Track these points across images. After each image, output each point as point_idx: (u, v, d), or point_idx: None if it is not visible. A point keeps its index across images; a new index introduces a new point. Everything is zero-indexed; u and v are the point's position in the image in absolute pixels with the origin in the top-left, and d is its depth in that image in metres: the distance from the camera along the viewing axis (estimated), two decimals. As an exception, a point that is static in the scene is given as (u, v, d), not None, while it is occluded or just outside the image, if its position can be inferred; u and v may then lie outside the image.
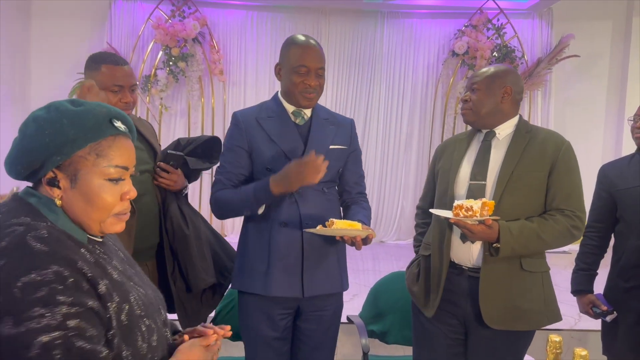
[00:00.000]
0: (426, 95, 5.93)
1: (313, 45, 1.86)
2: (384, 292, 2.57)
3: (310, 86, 1.82)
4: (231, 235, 5.87)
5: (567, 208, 1.74)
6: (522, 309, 1.75)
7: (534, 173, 1.74)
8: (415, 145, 5.98)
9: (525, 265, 1.76)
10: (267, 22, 5.82)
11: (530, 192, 1.74)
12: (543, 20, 5.88)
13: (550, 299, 1.81)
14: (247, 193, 1.79)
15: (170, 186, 1.94)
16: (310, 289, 1.84)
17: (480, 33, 5.64)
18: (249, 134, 1.87)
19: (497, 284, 1.74)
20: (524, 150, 1.76)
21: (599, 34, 6.00)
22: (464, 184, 1.80)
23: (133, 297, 1.01)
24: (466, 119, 1.86)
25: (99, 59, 1.86)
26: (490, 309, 1.73)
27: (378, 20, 5.88)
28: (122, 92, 1.84)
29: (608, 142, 6.12)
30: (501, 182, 1.73)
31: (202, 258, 1.97)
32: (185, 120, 5.75)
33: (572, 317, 3.37)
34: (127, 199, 1.03)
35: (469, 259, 1.78)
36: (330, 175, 1.87)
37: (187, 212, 1.99)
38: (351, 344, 2.93)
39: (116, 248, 1.13)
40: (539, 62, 5.69)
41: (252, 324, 1.88)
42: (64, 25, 5.74)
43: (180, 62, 5.51)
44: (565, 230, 1.73)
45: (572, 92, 6.04)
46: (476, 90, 1.82)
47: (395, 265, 4.81)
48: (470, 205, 1.60)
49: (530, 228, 1.70)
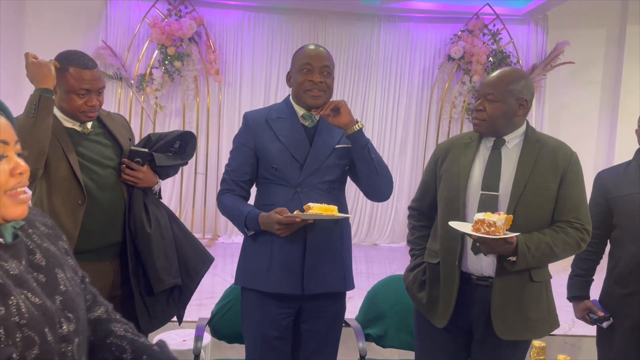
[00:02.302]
0: (421, 99, 5.95)
1: (318, 47, 1.90)
2: (380, 296, 2.57)
3: (314, 82, 1.83)
4: (224, 236, 5.85)
5: (576, 220, 1.74)
6: (532, 319, 1.75)
7: (546, 184, 1.73)
8: (410, 149, 6.00)
9: (534, 276, 1.76)
10: (264, 24, 5.82)
11: (543, 203, 1.74)
12: (538, 27, 5.93)
13: (552, 306, 1.83)
14: (241, 215, 1.86)
15: (137, 183, 1.93)
16: (310, 286, 1.84)
17: (476, 38, 5.66)
18: (257, 134, 1.91)
19: (509, 296, 1.73)
20: (536, 161, 1.74)
21: (593, 41, 6.05)
22: (474, 193, 1.78)
23: (14, 302, 0.92)
24: (478, 129, 1.80)
25: (67, 60, 1.83)
26: (503, 321, 1.73)
27: (375, 23, 5.89)
28: (89, 95, 1.83)
29: (601, 148, 6.16)
30: (515, 195, 1.72)
31: (164, 258, 1.94)
32: (180, 119, 5.73)
33: (566, 323, 3.38)
34: (17, 173, 0.96)
35: (479, 269, 1.78)
36: (336, 174, 1.89)
37: (151, 210, 1.96)
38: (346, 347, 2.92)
39: (35, 252, 1.03)
40: (534, 68, 5.73)
41: (253, 322, 1.90)
42: (59, 23, 5.69)
43: (176, 62, 5.48)
44: (575, 243, 1.73)
45: (566, 98, 6.08)
46: (492, 102, 1.75)
47: (388, 268, 4.82)
48: (493, 221, 1.57)
49: (545, 242, 1.69)
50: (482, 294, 1.76)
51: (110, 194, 1.90)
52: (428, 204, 1.97)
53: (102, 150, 1.92)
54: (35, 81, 1.76)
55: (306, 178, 1.85)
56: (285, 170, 1.86)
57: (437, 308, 1.84)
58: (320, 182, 1.86)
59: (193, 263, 2.02)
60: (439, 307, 1.83)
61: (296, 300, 1.87)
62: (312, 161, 1.86)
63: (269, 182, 1.91)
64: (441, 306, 1.82)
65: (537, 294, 1.78)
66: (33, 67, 1.78)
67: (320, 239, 1.85)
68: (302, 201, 1.81)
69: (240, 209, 1.88)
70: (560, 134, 5.88)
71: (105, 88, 1.93)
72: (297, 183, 1.85)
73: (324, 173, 1.87)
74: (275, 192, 1.88)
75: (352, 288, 1.98)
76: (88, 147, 1.90)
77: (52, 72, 1.76)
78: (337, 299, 1.94)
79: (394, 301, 2.51)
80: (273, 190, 1.89)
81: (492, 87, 1.75)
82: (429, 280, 1.89)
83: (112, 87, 5.60)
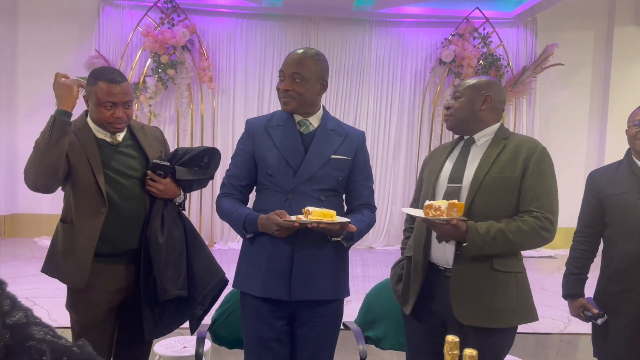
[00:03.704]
0: (414, 102, 6.00)
1: (296, 52, 1.92)
2: (378, 299, 2.59)
3: (281, 90, 1.89)
4: (220, 243, 5.86)
5: (536, 210, 1.77)
6: (494, 308, 1.79)
7: (505, 176, 1.80)
8: (403, 152, 6.05)
9: (497, 265, 1.80)
10: (257, 30, 5.85)
11: (501, 194, 1.80)
12: (528, 30, 6.00)
13: (524, 299, 1.85)
14: (240, 218, 1.89)
15: (158, 194, 2.02)
16: (298, 293, 1.86)
17: (466, 42, 5.73)
18: (256, 141, 1.95)
19: (467, 282, 1.79)
20: (498, 155, 1.83)
21: (582, 43, 6.14)
22: (442, 186, 1.89)
23: None
24: (447, 124, 1.96)
25: (97, 75, 1.97)
26: (461, 306, 1.79)
27: (366, 28, 5.94)
28: (115, 108, 1.95)
29: (591, 148, 6.24)
30: (473, 185, 1.80)
31: (171, 269, 2.01)
32: (175, 127, 5.74)
33: (561, 321, 3.41)
34: None
35: (445, 260, 1.85)
36: (329, 183, 1.91)
37: (167, 221, 2.04)
38: (346, 350, 2.94)
39: None
40: (524, 70, 5.79)
41: (250, 324, 1.92)
42: (52, 32, 5.71)
43: (170, 70, 5.50)
44: (533, 231, 1.76)
45: (556, 99, 6.16)
46: (458, 98, 1.92)
47: (384, 271, 4.84)
48: (438, 205, 1.68)
49: (498, 228, 1.75)
50: (447, 283, 1.83)
51: (131, 203, 2.00)
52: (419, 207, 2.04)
53: (128, 162, 2.03)
54: (58, 102, 1.89)
55: (299, 185, 1.87)
56: (279, 176, 1.88)
57: (408, 297, 1.93)
58: (312, 190, 1.88)
59: (201, 276, 2.09)
60: (410, 295, 1.92)
61: (288, 305, 1.89)
62: (305, 168, 1.88)
63: (265, 187, 1.94)
64: (410, 295, 1.92)
65: (503, 284, 1.81)
66: (58, 88, 1.90)
67: (309, 245, 1.86)
68: (293, 207, 1.83)
69: (238, 211, 1.91)
70: (550, 135, 5.96)
71: (132, 101, 2.04)
72: (289, 189, 1.87)
73: (318, 181, 1.89)
74: (269, 198, 1.90)
75: (346, 295, 1.98)
76: (115, 158, 2.01)
77: (74, 95, 1.90)
78: (332, 305, 1.94)
79: (390, 304, 2.53)
80: (267, 196, 1.92)
81: (459, 87, 1.94)
82: (405, 272, 1.97)
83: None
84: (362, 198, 2.02)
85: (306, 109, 1.92)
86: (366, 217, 1.99)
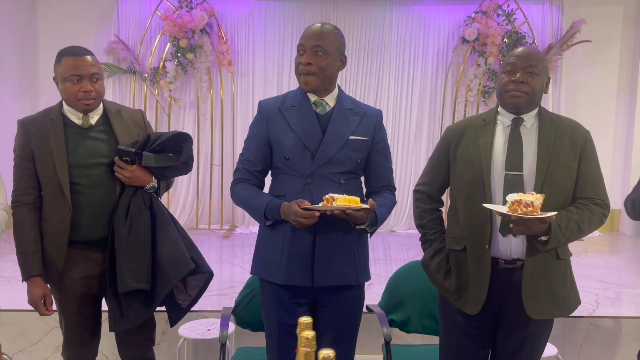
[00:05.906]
0: (436, 83, 5.89)
1: (315, 25, 1.84)
2: (401, 282, 2.57)
3: (302, 64, 1.81)
4: (241, 227, 5.88)
5: (597, 197, 1.76)
6: (559, 297, 1.78)
7: (568, 162, 1.75)
8: (425, 134, 5.95)
9: (561, 253, 1.78)
10: (275, 12, 5.78)
11: (566, 182, 1.75)
12: (553, 5, 5.82)
13: (574, 282, 1.86)
14: (260, 204, 1.83)
15: (126, 181, 1.98)
16: (320, 279, 1.83)
17: (490, 19, 5.58)
18: (270, 123, 1.88)
19: (540, 275, 1.74)
20: (555, 139, 1.76)
21: (610, 18, 5.93)
22: (498, 174, 1.77)
23: None
24: (519, 102, 1.76)
25: (61, 52, 1.96)
26: (534, 301, 1.74)
27: (387, 7, 5.83)
28: (82, 82, 1.92)
29: (619, 127, 6.07)
30: (540, 174, 1.73)
31: (131, 260, 1.94)
32: (195, 111, 5.74)
33: (590, 304, 3.36)
34: None
35: (507, 252, 1.77)
36: (348, 166, 1.86)
37: (132, 211, 1.97)
38: (370, 333, 2.93)
39: None
40: (550, 47, 5.63)
41: (271, 310, 1.91)
42: (71, 19, 5.72)
43: (189, 54, 5.49)
44: (599, 220, 1.76)
45: (583, 77, 5.98)
46: (535, 75, 1.75)
47: (406, 254, 4.81)
48: (530, 201, 1.57)
49: (574, 221, 1.71)
50: (510, 276, 1.76)
51: (100, 190, 1.97)
52: (438, 187, 1.98)
53: (98, 147, 1.98)
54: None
55: (317, 168, 1.82)
56: (297, 160, 1.83)
57: (466, 295, 1.82)
58: (331, 173, 1.83)
59: (167, 269, 1.99)
60: (469, 293, 1.81)
61: (309, 291, 1.87)
62: (324, 151, 1.82)
63: (281, 172, 1.88)
64: (471, 292, 1.81)
65: (563, 271, 1.80)
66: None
67: (330, 231, 1.83)
68: (313, 193, 1.79)
69: (258, 197, 1.86)
70: (577, 114, 5.79)
71: (101, 76, 1.99)
72: (308, 174, 1.82)
73: (337, 164, 1.83)
74: (287, 183, 1.86)
75: (367, 279, 1.95)
76: (84, 144, 1.97)
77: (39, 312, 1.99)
78: (353, 290, 1.92)
79: (414, 287, 2.51)
80: (285, 181, 1.87)
81: (536, 61, 1.75)
82: (455, 267, 1.87)
83: (126, 81, 5.63)
84: (382, 179, 1.98)
85: (326, 85, 1.85)
86: (387, 201, 1.95)
